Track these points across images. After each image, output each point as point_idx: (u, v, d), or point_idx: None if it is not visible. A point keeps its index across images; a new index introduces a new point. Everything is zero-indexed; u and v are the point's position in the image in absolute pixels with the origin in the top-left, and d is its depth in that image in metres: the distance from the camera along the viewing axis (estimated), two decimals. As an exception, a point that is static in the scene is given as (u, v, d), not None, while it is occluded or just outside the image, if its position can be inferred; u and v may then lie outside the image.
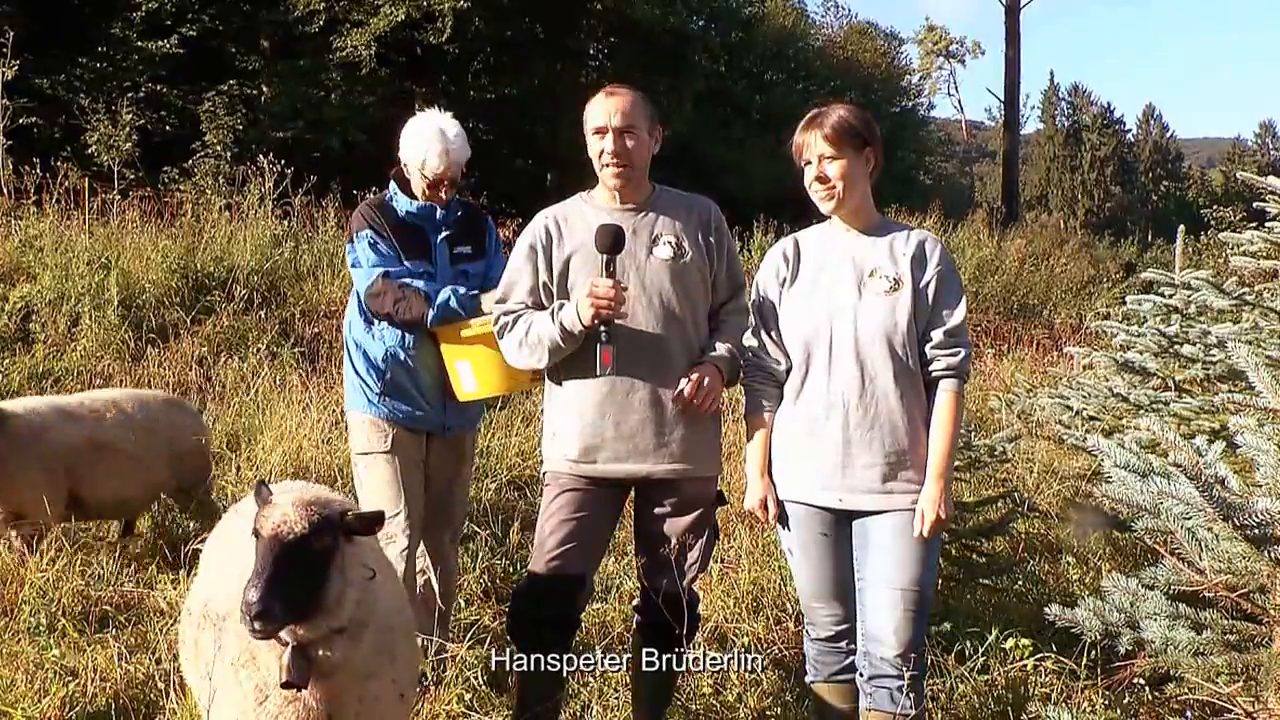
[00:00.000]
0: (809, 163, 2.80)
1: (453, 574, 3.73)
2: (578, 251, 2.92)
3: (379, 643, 2.25)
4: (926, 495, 2.70)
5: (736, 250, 3.14)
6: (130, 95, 14.09)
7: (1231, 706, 2.73)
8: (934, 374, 2.76)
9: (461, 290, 3.32)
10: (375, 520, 2.23)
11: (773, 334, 2.87)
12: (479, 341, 3.24)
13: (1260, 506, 2.43)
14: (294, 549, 2.05)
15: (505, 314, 2.98)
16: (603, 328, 2.77)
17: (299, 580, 2.03)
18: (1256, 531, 2.44)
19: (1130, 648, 2.77)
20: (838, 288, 2.78)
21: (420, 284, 3.36)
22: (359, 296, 3.47)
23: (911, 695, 2.66)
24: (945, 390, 2.75)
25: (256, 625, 1.98)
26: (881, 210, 2.99)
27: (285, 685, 2.10)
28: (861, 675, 2.77)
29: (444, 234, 3.48)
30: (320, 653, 2.14)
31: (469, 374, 3.29)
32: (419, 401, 3.46)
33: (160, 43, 15.30)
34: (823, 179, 2.78)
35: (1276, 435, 2.65)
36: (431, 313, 3.30)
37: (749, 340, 2.93)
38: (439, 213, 3.47)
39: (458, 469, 3.64)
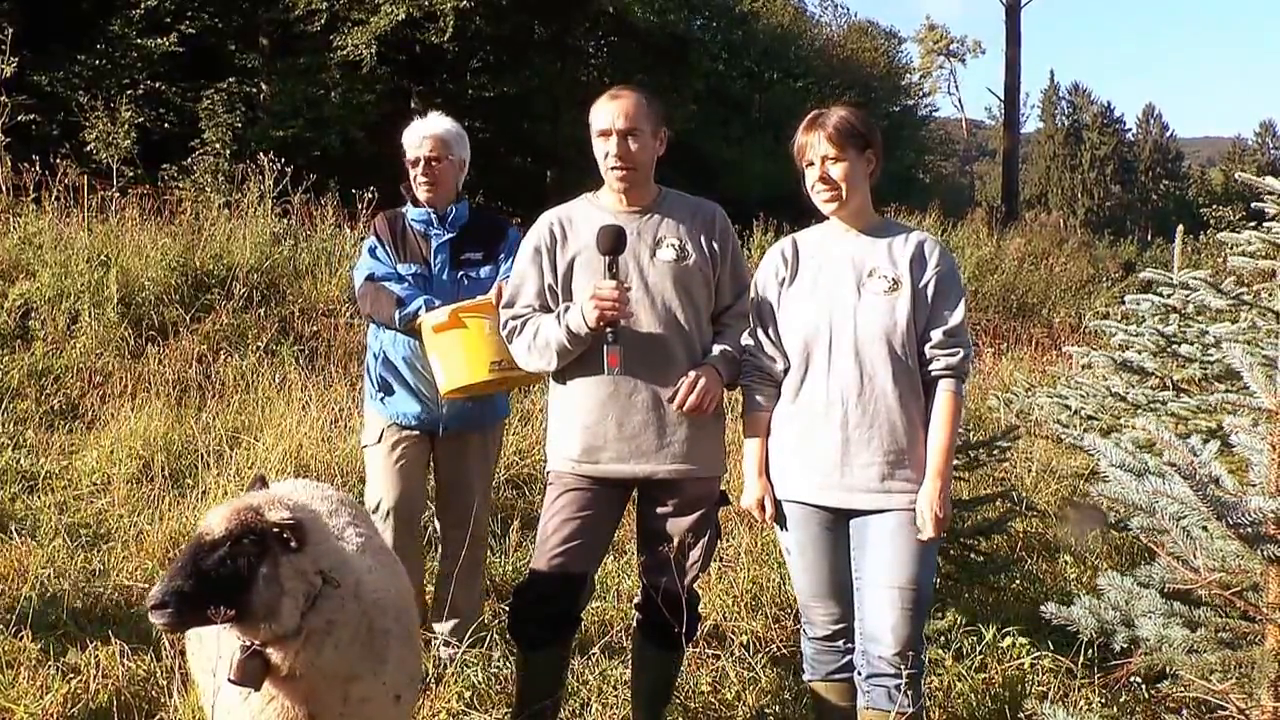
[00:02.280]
0: (811, 164, 2.80)
1: (471, 578, 3.69)
2: (581, 253, 2.93)
3: (363, 647, 2.24)
4: (925, 494, 2.70)
5: (742, 256, 3.13)
6: (129, 92, 14.11)
7: (1225, 704, 2.75)
8: (933, 374, 2.76)
9: (437, 302, 3.35)
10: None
11: (770, 333, 2.87)
12: (448, 329, 3.24)
13: (1253, 505, 2.44)
14: (209, 552, 2.07)
15: (513, 318, 2.98)
16: (609, 329, 2.77)
17: (213, 583, 2.04)
18: (1249, 530, 2.45)
19: (1126, 645, 2.78)
20: (837, 287, 2.79)
21: (398, 287, 3.42)
22: None
23: (909, 694, 2.67)
24: (944, 390, 2.75)
25: (154, 618, 2.01)
26: (880, 210, 3.00)
27: (232, 682, 2.14)
28: (859, 674, 2.78)
29: (446, 237, 3.55)
30: (276, 657, 2.14)
31: (439, 369, 3.31)
32: (409, 401, 3.53)
33: (159, 40, 15.35)
34: (825, 180, 2.78)
35: (1270, 435, 2.66)
36: (399, 314, 3.36)
37: (747, 340, 2.94)
38: (435, 219, 3.55)
39: (464, 469, 3.64)
